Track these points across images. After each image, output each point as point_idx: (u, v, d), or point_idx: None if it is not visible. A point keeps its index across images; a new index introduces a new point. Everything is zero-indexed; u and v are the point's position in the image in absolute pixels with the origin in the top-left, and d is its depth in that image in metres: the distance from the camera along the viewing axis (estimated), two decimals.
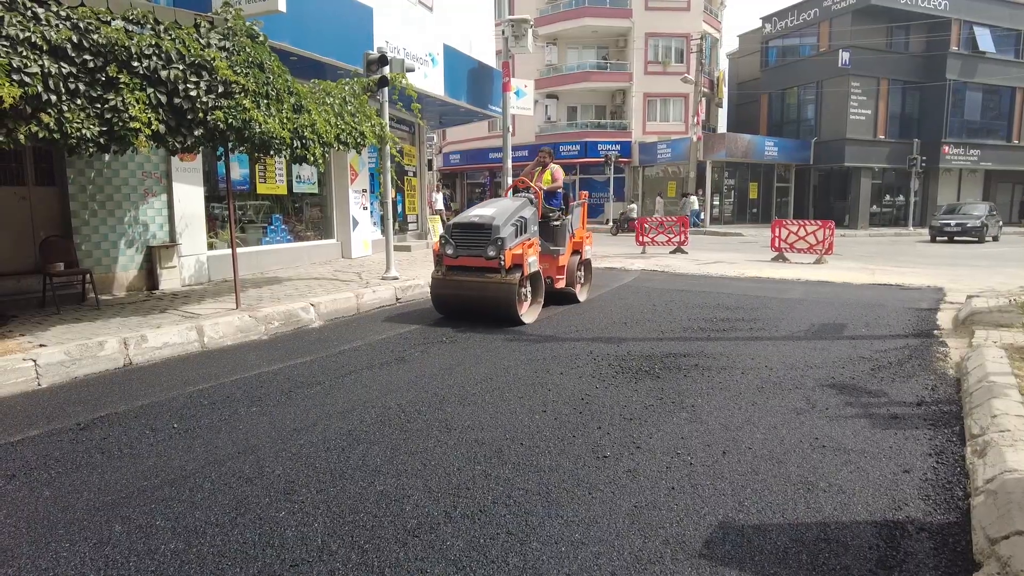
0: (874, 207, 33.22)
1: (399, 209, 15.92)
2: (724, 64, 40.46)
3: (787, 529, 2.75)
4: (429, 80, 12.99)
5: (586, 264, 8.98)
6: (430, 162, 17.85)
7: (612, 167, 29.77)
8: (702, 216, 29.05)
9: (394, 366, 5.45)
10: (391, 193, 10.20)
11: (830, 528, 2.75)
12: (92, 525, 2.85)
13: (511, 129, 15.79)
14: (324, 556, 2.57)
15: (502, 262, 6.68)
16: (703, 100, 29.75)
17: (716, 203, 32.02)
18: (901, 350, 5.94)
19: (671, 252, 16.19)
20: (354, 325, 7.39)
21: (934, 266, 14.25)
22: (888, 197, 34.29)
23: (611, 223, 27.03)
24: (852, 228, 30.56)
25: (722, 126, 39.23)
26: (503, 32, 14.86)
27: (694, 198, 27.21)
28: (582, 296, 8.71)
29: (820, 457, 3.49)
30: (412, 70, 10.16)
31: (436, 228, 16.30)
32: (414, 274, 10.43)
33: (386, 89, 9.26)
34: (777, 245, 14.81)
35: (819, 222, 14.46)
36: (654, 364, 5.42)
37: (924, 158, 30.48)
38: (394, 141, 9.86)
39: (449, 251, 7.03)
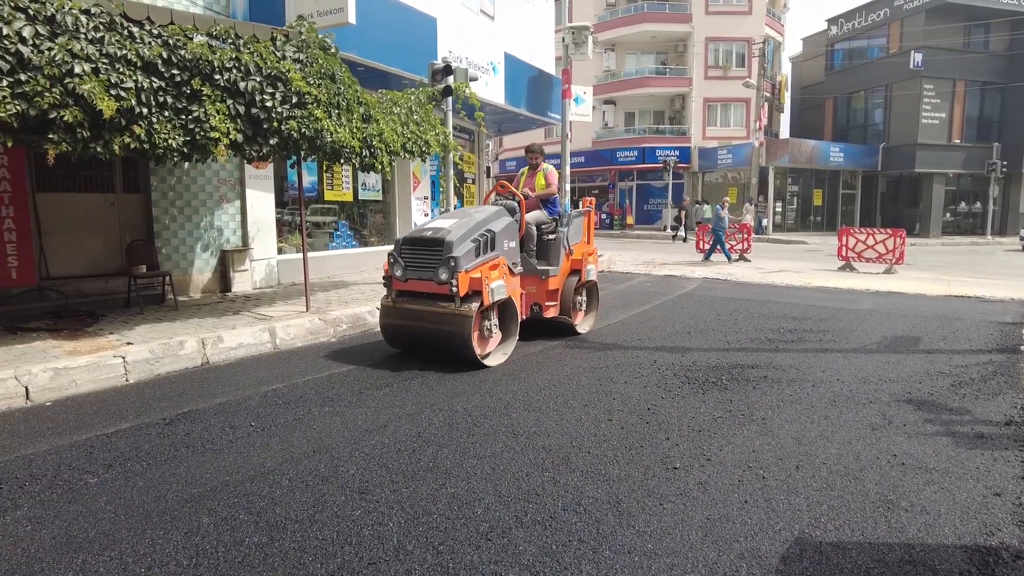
0: (947, 215, 31.73)
1: None
2: (786, 68, 39.47)
3: (868, 549, 2.67)
4: (490, 88, 13.14)
5: (589, 288, 7.36)
6: (488, 168, 18.01)
7: (671, 173, 29.40)
8: (765, 223, 28.36)
9: (459, 370, 5.53)
10: (452, 200, 10.36)
11: (915, 550, 2.66)
12: (182, 515, 3.00)
13: (568, 135, 15.81)
14: (400, 556, 2.64)
15: (454, 288, 5.28)
16: (765, 105, 29.07)
17: (779, 210, 31.21)
18: (984, 366, 5.67)
19: (733, 260, 15.86)
20: None
21: (1019, 277, 13.51)
22: (963, 204, 32.68)
23: (679, 231, 25.99)
24: (923, 236, 29.27)
25: (784, 131, 38.25)
26: (563, 39, 14.90)
27: (707, 206, 26.45)
28: (583, 327, 7.14)
29: (900, 475, 3.37)
30: (475, 79, 10.31)
31: None
32: None
33: (450, 98, 9.42)
34: (844, 254, 14.33)
35: (889, 230, 13.94)
36: (721, 375, 5.33)
37: (1005, 163, 28.95)
38: (457, 149, 10.00)
39: (398, 273, 5.71)
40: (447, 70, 9.34)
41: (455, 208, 10.96)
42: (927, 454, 3.65)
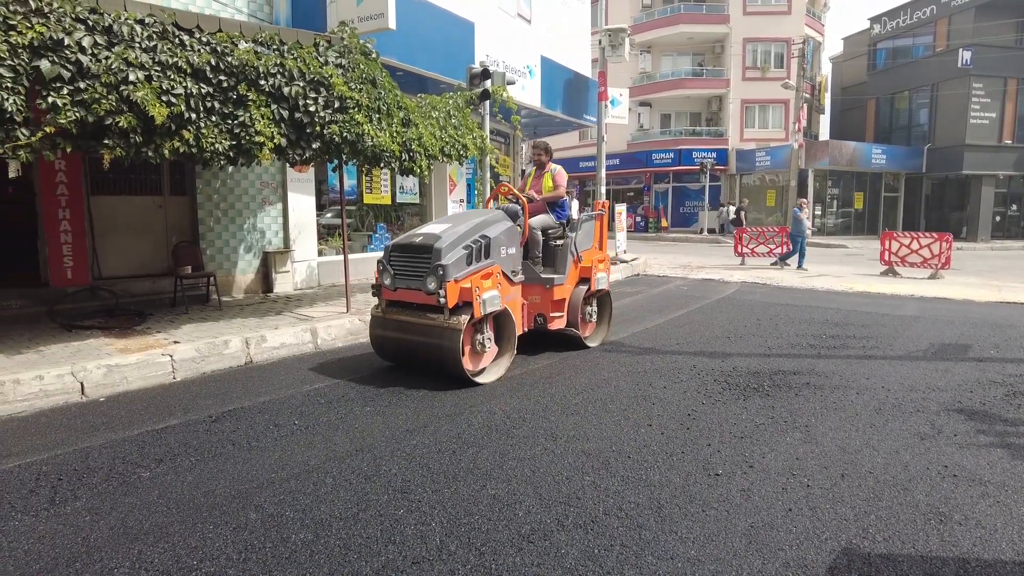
0: (997, 218, 30.67)
1: None
2: (826, 68, 38.67)
3: (919, 562, 2.61)
4: (526, 92, 13.17)
5: (601, 298, 6.78)
6: (523, 171, 18.04)
7: (707, 175, 29.05)
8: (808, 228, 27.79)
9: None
10: (488, 204, 10.40)
11: (971, 565, 2.58)
12: (230, 511, 3.08)
13: (603, 137, 15.73)
14: (443, 556, 2.67)
15: (442, 299, 4.90)
16: (804, 106, 28.51)
17: (818, 213, 30.58)
18: None
19: (772, 264, 15.60)
20: None
21: None
22: (1015, 207, 31.56)
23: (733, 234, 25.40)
24: (971, 240, 28.33)
25: (824, 133, 37.47)
26: (599, 42, 14.84)
27: (731, 207, 25.87)
28: (593, 340, 6.64)
29: (952, 487, 3.28)
30: (513, 83, 10.36)
31: None
32: None
33: (487, 102, 9.48)
34: (887, 259, 13.98)
35: (934, 234, 13.55)
36: (762, 381, 5.25)
37: None
38: (493, 152, 10.06)
39: (387, 281, 5.35)
40: (485, 74, 9.40)
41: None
42: (981, 466, 3.55)
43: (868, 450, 3.79)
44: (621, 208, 15.62)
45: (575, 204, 18.67)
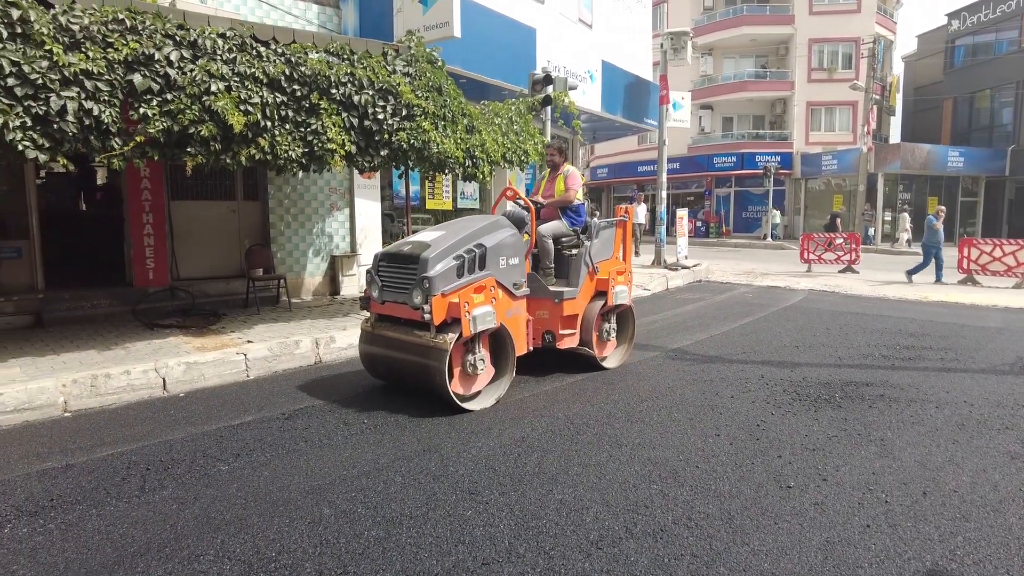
0: None
1: None
2: (898, 68, 37.13)
3: None
4: (587, 96, 13.16)
5: (622, 315, 6.14)
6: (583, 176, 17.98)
7: (771, 179, 28.28)
8: (872, 232, 26.76)
9: (556, 376, 5.56)
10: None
11: None
12: (305, 506, 3.19)
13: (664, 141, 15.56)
14: (512, 558, 2.69)
15: (427, 315, 4.44)
16: (874, 108, 27.45)
17: (887, 219, 29.36)
18: None
19: (840, 271, 15.07)
20: None
21: None
22: None
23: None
24: None
25: (895, 135, 35.94)
26: (661, 45, 14.69)
27: (776, 211, 24.77)
28: (611, 361, 5.98)
29: None
30: (575, 88, 10.37)
31: None
32: None
33: (549, 107, 9.51)
34: (966, 267, 13.29)
35: (1019, 241, 12.81)
36: (833, 392, 5.09)
37: None
38: None
39: (374, 294, 4.93)
40: (547, 80, 9.44)
41: None
42: None
43: (951, 467, 3.62)
44: (682, 213, 15.38)
45: (641, 209, 18.34)
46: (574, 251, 5.79)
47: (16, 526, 2.99)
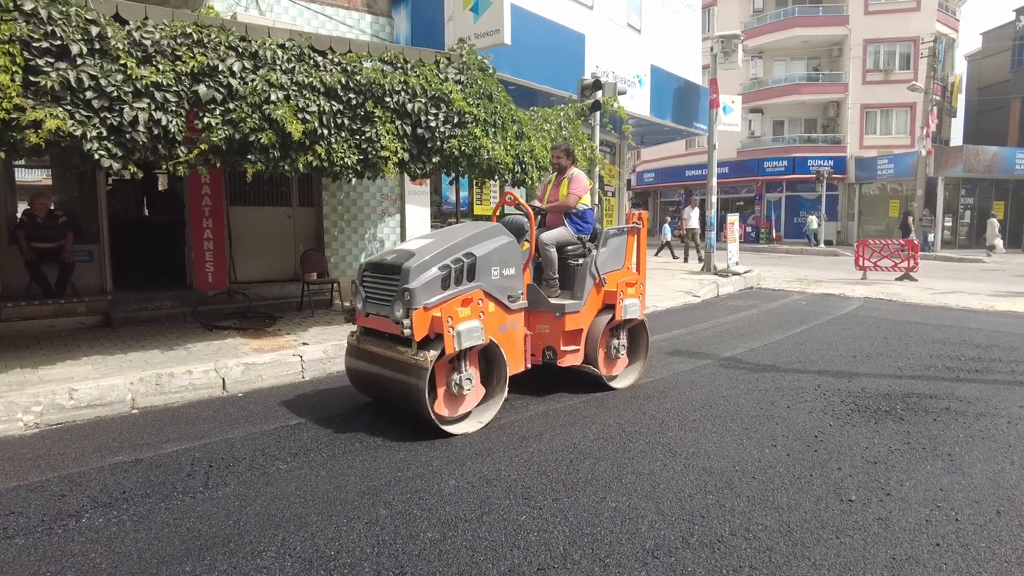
0: None
1: None
2: (961, 67, 35.73)
3: None
4: (635, 101, 13.09)
5: (634, 330, 5.67)
6: (628, 181, 17.89)
7: (824, 184, 27.55)
8: (931, 238, 25.79)
9: (604, 386, 5.52)
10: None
11: None
12: (362, 506, 3.25)
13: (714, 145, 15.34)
14: (568, 564, 2.69)
15: (407, 330, 4.11)
16: (934, 109, 26.49)
17: (948, 224, 28.26)
18: None
19: (897, 279, 14.57)
20: None
21: None
22: None
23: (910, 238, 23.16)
24: None
25: (956, 138, 34.59)
26: (711, 49, 14.51)
27: (812, 217, 23.67)
28: (621, 380, 5.51)
29: None
30: (624, 92, 10.33)
31: None
32: None
33: (598, 113, 9.49)
34: None
35: None
36: (894, 404, 4.92)
37: None
38: (602, 163, 10.05)
39: (359, 305, 4.64)
40: (596, 85, 9.43)
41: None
42: None
43: None
44: (733, 218, 15.11)
45: (695, 214, 18.01)
46: (580, 260, 5.42)
47: (92, 516, 3.14)
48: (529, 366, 5.02)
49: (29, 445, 4.19)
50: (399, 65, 6.65)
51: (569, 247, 5.46)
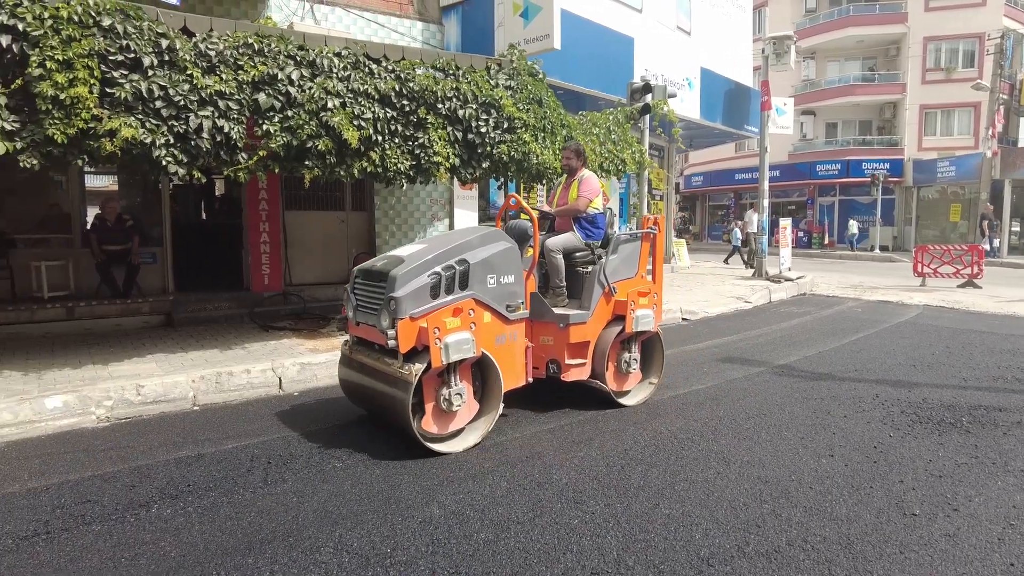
0: None
1: None
2: None
3: None
4: (685, 104, 12.96)
5: (648, 343, 5.31)
6: (677, 185, 17.67)
7: (879, 188, 26.68)
8: (997, 243, 24.66)
9: (657, 390, 5.48)
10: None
11: None
12: (416, 505, 3.31)
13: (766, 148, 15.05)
14: (621, 569, 2.69)
15: (391, 341, 3.89)
16: (1001, 108, 25.36)
17: (1015, 229, 26.99)
18: None
19: (959, 286, 14.00)
20: None
21: None
22: None
23: (985, 243, 21.98)
24: None
25: None
26: (762, 50, 14.24)
27: (853, 221, 22.80)
28: (632, 397, 5.15)
29: None
30: (674, 96, 10.24)
31: (681, 252, 16.08)
32: (663, 298, 10.35)
33: (647, 116, 9.43)
34: None
35: None
36: (959, 416, 4.74)
37: None
38: (651, 166, 9.97)
39: (350, 314, 4.45)
40: (646, 88, 9.37)
41: None
42: None
43: None
44: (786, 222, 14.79)
45: (755, 218, 17.60)
46: (589, 268, 5.09)
47: (161, 506, 3.28)
48: (531, 380, 4.71)
49: (101, 437, 4.41)
50: (451, 72, 6.74)
51: (577, 254, 5.16)
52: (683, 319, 9.31)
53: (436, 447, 4.00)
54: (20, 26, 4.58)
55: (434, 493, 3.44)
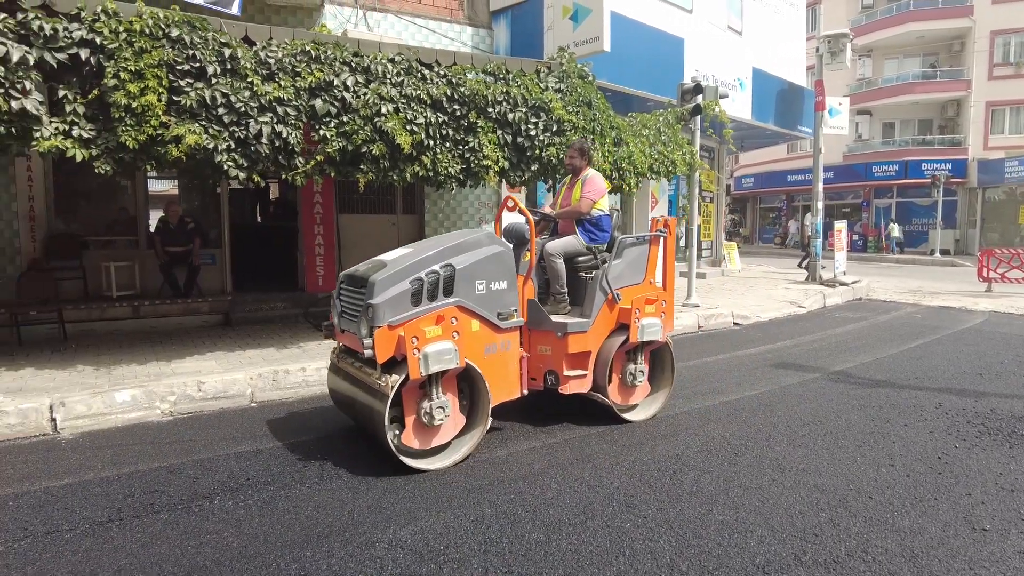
0: None
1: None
2: None
3: None
4: (736, 104, 12.72)
5: (657, 353, 4.97)
6: (728, 187, 17.35)
7: (940, 189, 25.64)
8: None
9: (708, 395, 5.41)
10: (697, 220, 10.19)
11: None
12: (468, 503, 3.35)
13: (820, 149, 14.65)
14: (675, 574, 2.67)
15: (368, 350, 3.69)
16: None
17: None
18: None
19: None
20: None
21: None
22: None
23: None
24: None
25: None
26: (816, 49, 13.89)
27: (894, 225, 21.86)
28: (638, 412, 4.83)
29: None
30: (726, 96, 10.06)
31: (732, 255, 15.79)
32: (715, 302, 10.23)
33: (698, 117, 9.31)
34: None
35: None
36: None
37: None
38: (702, 167, 9.83)
39: (336, 320, 4.32)
40: (696, 89, 9.25)
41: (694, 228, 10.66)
42: None
43: None
44: (840, 225, 14.37)
45: (809, 220, 17.18)
46: (593, 273, 4.80)
47: (223, 499, 3.41)
48: (526, 391, 4.49)
49: (166, 431, 4.60)
50: (501, 76, 6.79)
51: (580, 258, 4.86)
52: (735, 323, 9.15)
53: (414, 463, 3.79)
54: (98, 40, 4.83)
55: (485, 493, 3.48)
